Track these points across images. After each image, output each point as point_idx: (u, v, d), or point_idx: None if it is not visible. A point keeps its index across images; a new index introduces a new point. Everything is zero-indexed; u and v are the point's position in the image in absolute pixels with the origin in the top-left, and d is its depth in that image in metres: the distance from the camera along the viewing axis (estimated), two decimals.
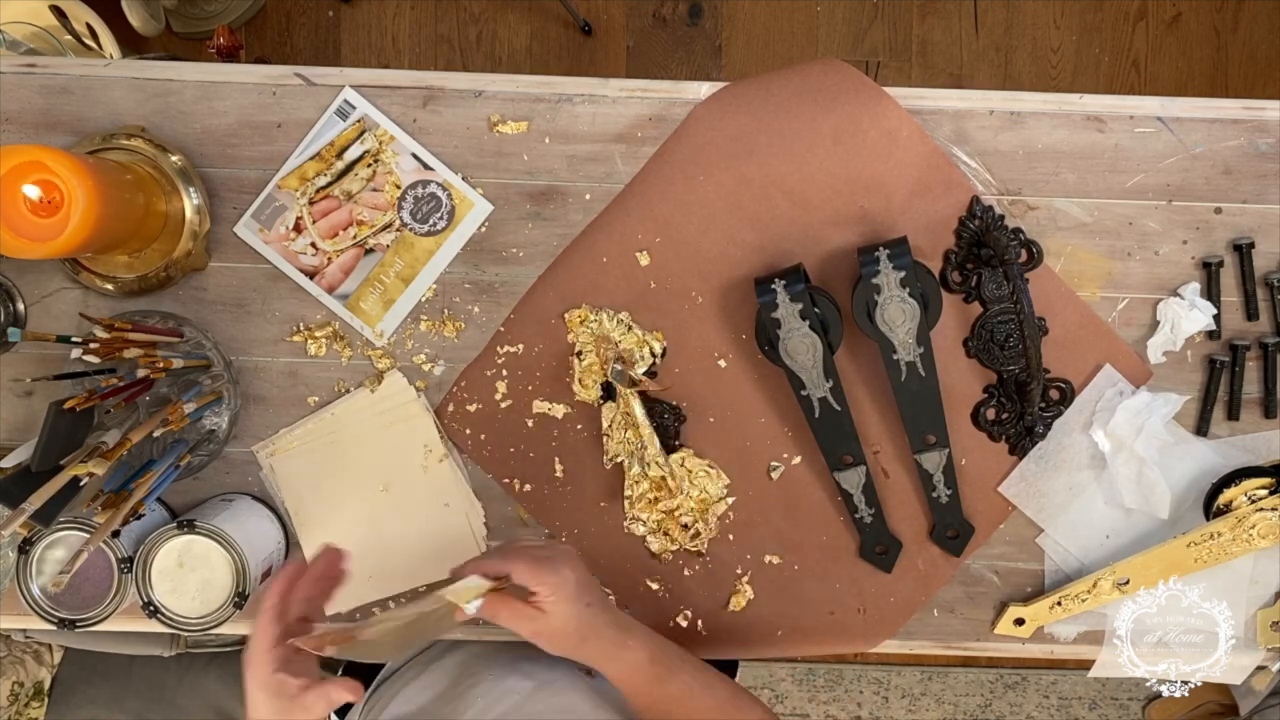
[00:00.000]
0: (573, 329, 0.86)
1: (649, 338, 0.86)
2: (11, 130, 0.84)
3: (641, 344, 0.85)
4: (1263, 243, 0.86)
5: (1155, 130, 0.85)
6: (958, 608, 0.90)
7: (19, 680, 1.02)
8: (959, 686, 1.87)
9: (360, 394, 0.87)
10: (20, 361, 0.86)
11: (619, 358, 0.84)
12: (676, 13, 1.83)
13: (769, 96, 0.84)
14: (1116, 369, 0.87)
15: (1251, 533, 0.84)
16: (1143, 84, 1.83)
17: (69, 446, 0.75)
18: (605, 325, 0.85)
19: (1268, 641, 0.89)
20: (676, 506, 0.86)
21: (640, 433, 0.84)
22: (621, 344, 0.85)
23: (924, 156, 0.84)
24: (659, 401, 0.87)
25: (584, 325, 0.86)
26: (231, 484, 0.88)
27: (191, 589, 0.80)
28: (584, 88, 0.85)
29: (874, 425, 0.87)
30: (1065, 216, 0.86)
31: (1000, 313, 0.84)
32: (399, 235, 0.86)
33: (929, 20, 1.83)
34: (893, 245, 0.78)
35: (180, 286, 0.86)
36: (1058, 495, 0.88)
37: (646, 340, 0.86)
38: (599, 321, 0.85)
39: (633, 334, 0.86)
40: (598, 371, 0.85)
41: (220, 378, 0.85)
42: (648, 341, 0.86)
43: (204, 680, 1.06)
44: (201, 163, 0.85)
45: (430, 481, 0.88)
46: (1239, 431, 0.88)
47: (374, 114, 0.85)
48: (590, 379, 0.85)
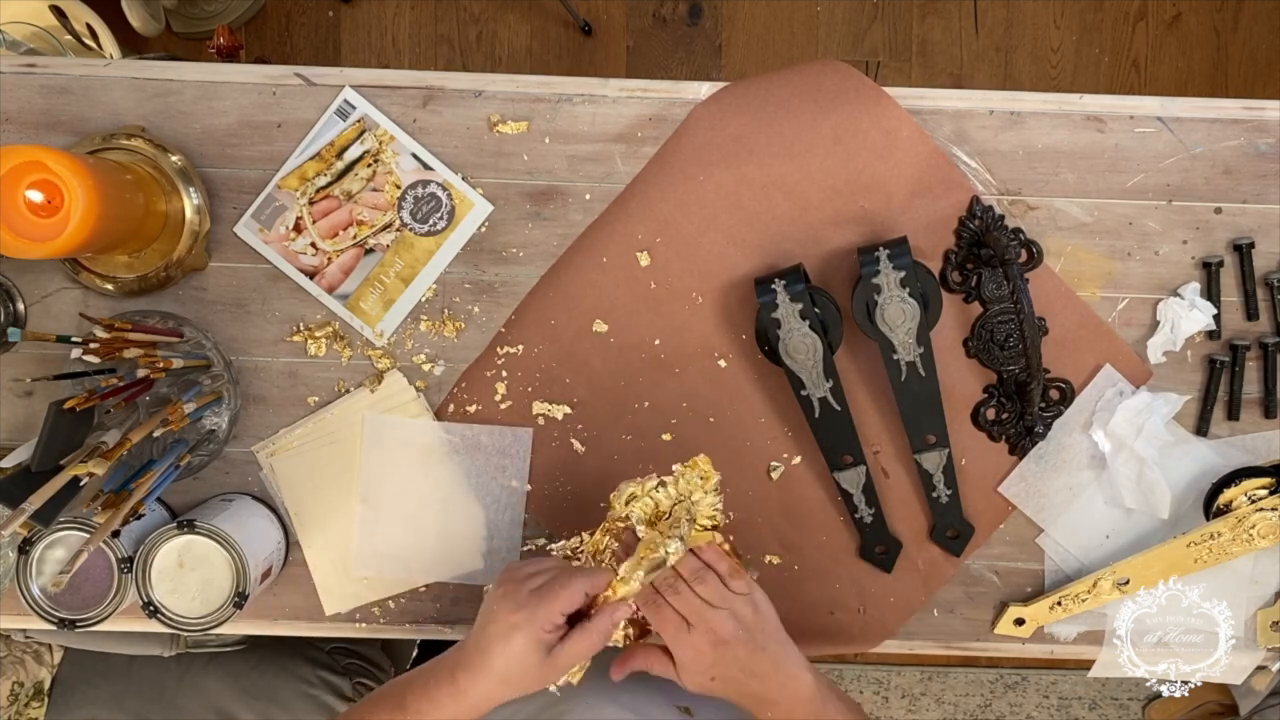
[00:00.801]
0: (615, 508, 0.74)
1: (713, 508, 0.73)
2: (11, 130, 0.84)
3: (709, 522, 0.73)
4: (1263, 243, 0.86)
5: (1155, 130, 0.85)
6: (958, 608, 0.90)
7: (19, 680, 1.02)
8: (959, 686, 1.87)
9: (360, 394, 0.87)
10: (20, 361, 0.86)
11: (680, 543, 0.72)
12: (676, 13, 1.83)
13: (769, 96, 0.84)
14: (1116, 369, 0.87)
15: (1251, 533, 0.84)
16: (1143, 84, 1.83)
17: (69, 446, 0.75)
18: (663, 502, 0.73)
19: (1268, 641, 0.89)
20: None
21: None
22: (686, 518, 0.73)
23: (924, 156, 0.84)
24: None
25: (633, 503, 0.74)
26: (231, 484, 0.88)
27: (191, 589, 0.80)
28: (584, 88, 0.85)
29: (874, 425, 0.87)
30: (1065, 216, 0.86)
31: (1000, 313, 0.84)
32: (399, 235, 0.86)
33: (929, 20, 1.83)
34: (893, 245, 0.78)
35: (180, 286, 0.86)
36: (1058, 495, 0.88)
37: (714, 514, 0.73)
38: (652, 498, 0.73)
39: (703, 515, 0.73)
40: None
41: (220, 378, 0.85)
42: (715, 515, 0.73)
43: (204, 680, 1.06)
44: (201, 163, 0.85)
45: (430, 482, 0.88)
46: (1239, 431, 0.88)
47: (374, 114, 0.85)
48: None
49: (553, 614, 0.67)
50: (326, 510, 0.88)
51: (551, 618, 0.66)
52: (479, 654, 0.67)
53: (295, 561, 0.88)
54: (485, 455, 0.88)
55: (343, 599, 0.89)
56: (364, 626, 0.89)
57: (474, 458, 0.88)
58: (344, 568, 0.88)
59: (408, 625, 0.89)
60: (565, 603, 0.67)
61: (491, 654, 0.67)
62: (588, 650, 0.68)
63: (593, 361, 0.87)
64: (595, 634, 0.68)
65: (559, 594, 0.67)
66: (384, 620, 0.89)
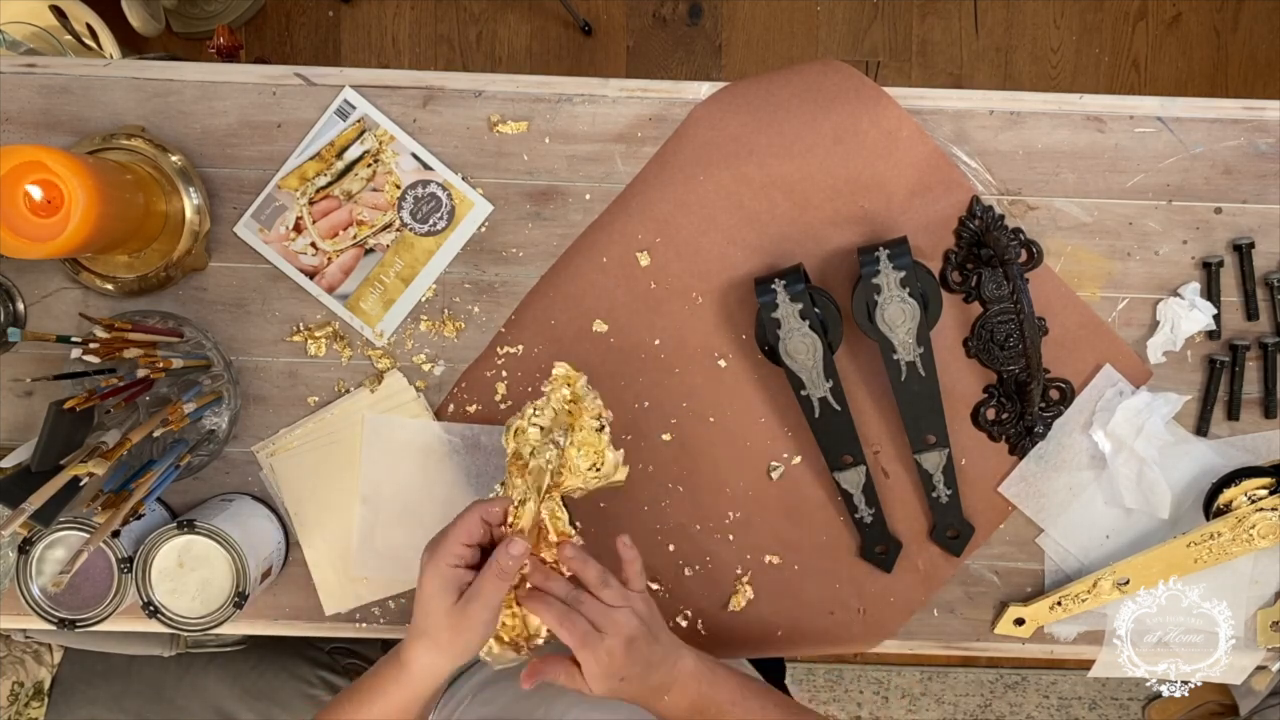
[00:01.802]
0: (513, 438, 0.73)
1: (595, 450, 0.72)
2: (11, 130, 0.84)
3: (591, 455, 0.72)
4: (1263, 243, 0.86)
5: (1155, 130, 0.85)
6: (958, 608, 0.90)
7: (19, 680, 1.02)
8: (959, 686, 1.87)
9: (360, 394, 0.87)
10: (20, 361, 0.86)
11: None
12: (676, 13, 1.83)
13: (769, 96, 0.84)
14: (1116, 369, 0.87)
15: (1251, 533, 0.84)
16: (1143, 84, 1.83)
17: (69, 446, 0.75)
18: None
19: (1268, 641, 0.89)
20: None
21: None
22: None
23: (924, 156, 0.84)
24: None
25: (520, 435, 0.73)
26: (231, 484, 0.88)
27: (191, 589, 0.80)
28: (584, 88, 0.85)
29: (874, 425, 0.87)
30: (1065, 216, 0.86)
31: (1000, 313, 0.84)
32: (399, 235, 0.86)
33: (929, 20, 1.83)
34: (893, 245, 0.78)
35: (180, 286, 0.86)
36: (1058, 495, 0.88)
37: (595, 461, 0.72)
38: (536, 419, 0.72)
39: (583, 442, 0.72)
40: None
41: (220, 378, 0.85)
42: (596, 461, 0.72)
43: (204, 680, 1.06)
44: (201, 163, 0.85)
45: (430, 482, 0.88)
46: (1239, 431, 0.88)
47: (374, 114, 0.85)
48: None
49: (450, 544, 0.66)
50: (326, 510, 0.88)
51: (450, 548, 0.66)
52: (412, 620, 0.68)
53: (295, 561, 0.88)
54: (485, 455, 0.88)
55: (343, 599, 0.89)
56: (364, 626, 0.89)
57: (474, 458, 0.88)
58: (344, 568, 0.88)
59: (408, 625, 0.89)
60: (460, 532, 0.66)
61: (415, 611, 0.67)
62: (491, 587, 0.66)
63: (593, 361, 0.87)
64: (493, 567, 0.66)
65: (454, 524, 0.67)
66: (384, 620, 0.89)
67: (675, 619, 0.89)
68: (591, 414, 0.72)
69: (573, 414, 0.72)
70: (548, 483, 0.69)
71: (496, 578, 0.66)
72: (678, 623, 0.89)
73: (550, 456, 0.69)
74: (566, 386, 0.72)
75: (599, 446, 0.71)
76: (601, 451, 0.71)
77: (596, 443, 0.71)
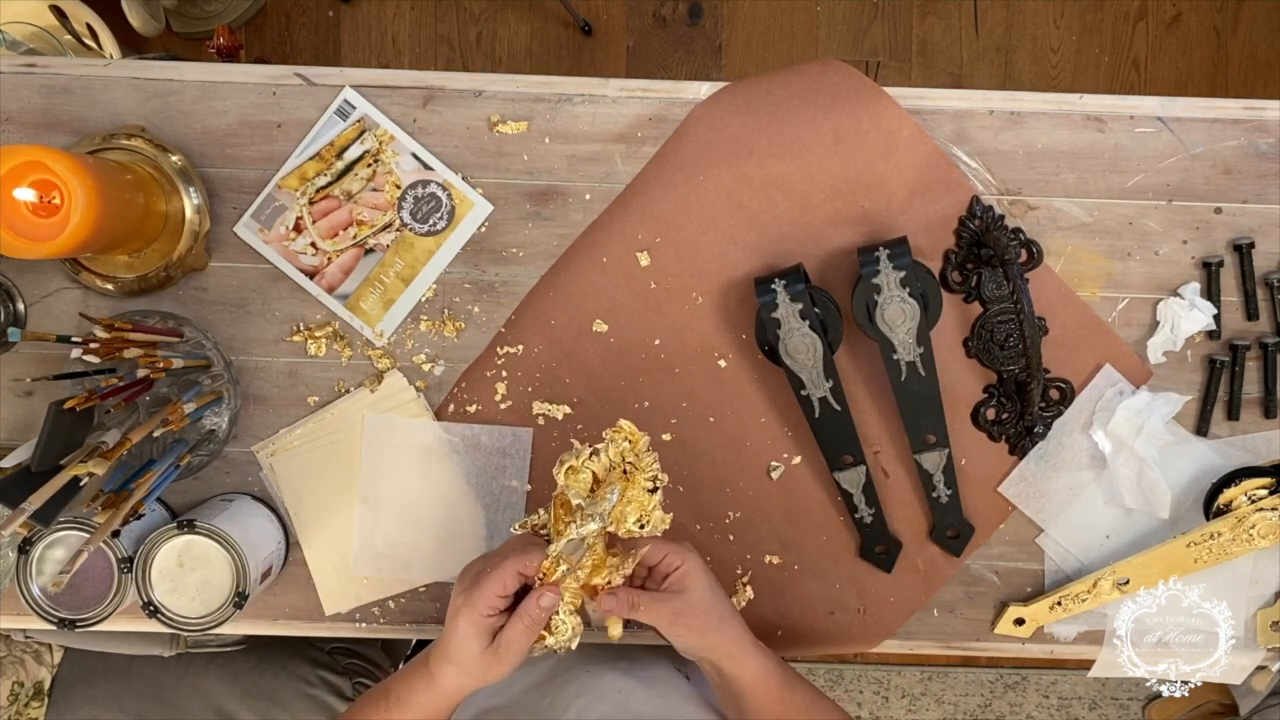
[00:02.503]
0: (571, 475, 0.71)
1: (653, 509, 0.71)
2: (11, 130, 0.84)
3: (643, 512, 0.71)
4: (1263, 243, 0.86)
5: (1155, 130, 0.85)
6: (958, 608, 0.90)
7: (19, 680, 1.02)
8: (959, 686, 1.87)
9: (360, 394, 0.87)
10: (20, 361, 0.86)
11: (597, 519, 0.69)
12: (676, 13, 1.83)
13: (769, 96, 0.84)
14: (1116, 369, 0.87)
15: (1251, 533, 0.84)
16: (1143, 84, 1.83)
17: (69, 446, 0.75)
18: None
19: (1268, 641, 0.89)
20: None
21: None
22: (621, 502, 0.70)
23: (924, 156, 0.84)
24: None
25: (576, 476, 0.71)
26: (231, 484, 0.88)
27: (191, 589, 0.80)
28: (584, 88, 0.85)
29: (874, 425, 0.87)
30: (1065, 216, 0.86)
31: (1000, 313, 0.84)
32: (399, 235, 0.86)
33: (929, 20, 1.83)
34: (893, 245, 0.78)
35: (180, 286, 0.86)
36: (1058, 495, 0.88)
37: (646, 514, 0.72)
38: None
39: (634, 499, 0.71)
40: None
41: (220, 378, 0.85)
42: (648, 514, 0.71)
43: (204, 680, 1.06)
44: (201, 163, 0.85)
45: (430, 482, 0.88)
46: (1239, 431, 0.88)
47: (374, 114, 0.85)
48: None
49: (486, 596, 0.66)
50: (326, 510, 0.88)
51: (486, 600, 0.66)
52: (442, 642, 0.70)
53: (295, 561, 0.88)
54: (485, 455, 0.88)
55: (343, 599, 0.89)
56: (364, 626, 0.89)
57: (474, 457, 0.88)
58: (344, 568, 0.88)
59: (408, 625, 0.89)
60: (497, 584, 0.67)
61: (447, 640, 0.69)
62: (522, 636, 0.67)
63: (593, 361, 0.87)
64: (525, 618, 0.67)
65: (491, 575, 0.67)
66: (384, 620, 0.89)
67: None
68: (647, 475, 0.72)
69: (627, 474, 0.72)
70: (584, 552, 0.70)
71: (528, 629, 0.67)
72: None
73: (591, 529, 0.69)
74: (627, 442, 0.73)
75: (648, 507, 0.72)
76: (650, 512, 0.72)
77: (646, 503, 0.72)
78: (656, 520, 0.72)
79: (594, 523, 0.68)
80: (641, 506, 0.71)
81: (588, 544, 0.69)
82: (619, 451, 0.71)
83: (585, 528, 0.68)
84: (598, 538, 0.69)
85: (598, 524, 0.68)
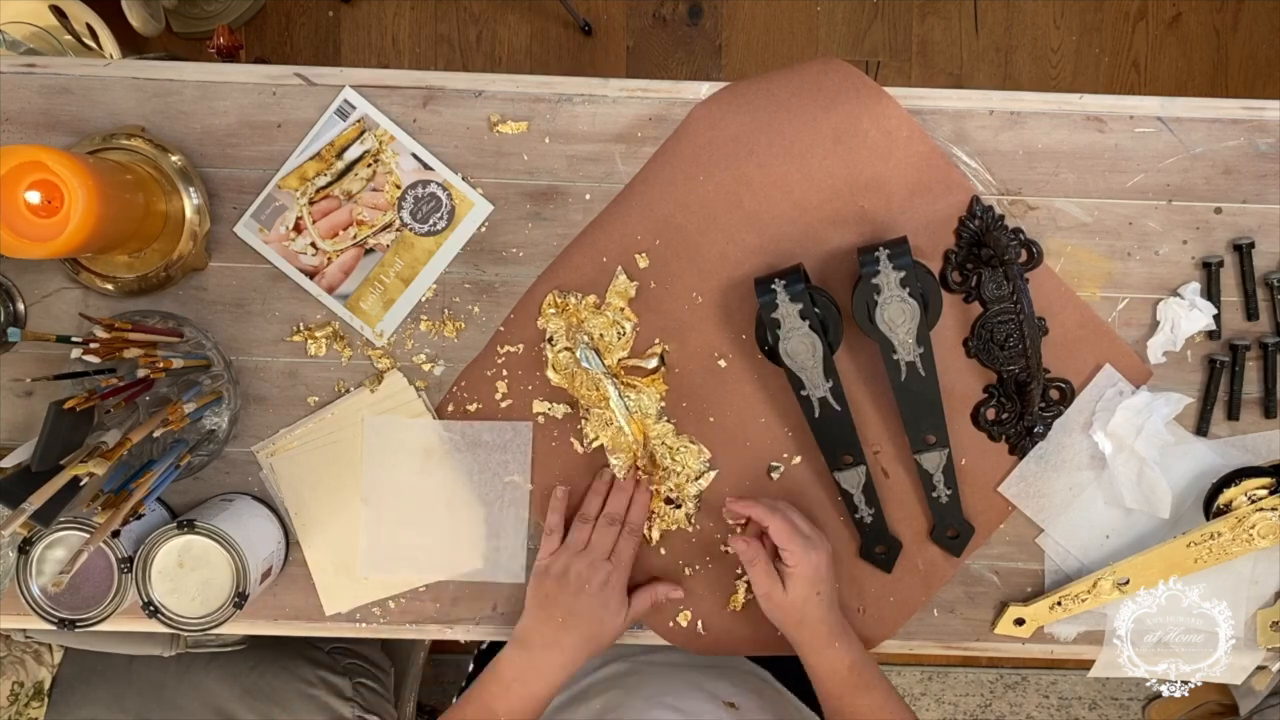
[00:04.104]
0: (543, 315, 0.86)
1: (620, 317, 0.85)
2: (11, 130, 0.84)
3: (611, 324, 0.85)
4: (1263, 243, 0.86)
5: (1155, 130, 0.85)
6: (958, 608, 0.90)
7: (19, 680, 1.02)
8: (959, 686, 1.87)
9: (360, 394, 0.87)
10: (20, 361, 0.86)
11: (587, 338, 0.85)
12: (676, 13, 1.83)
13: (769, 96, 0.84)
14: (1116, 369, 0.87)
15: (1251, 533, 0.84)
16: (1143, 84, 1.83)
17: (69, 446, 0.75)
18: (573, 307, 0.85)
19: (1268, 641, 0.89)
20: (663, 483, 0.87)
21: (614, 415, 0.85)
22: (588, 324, 0.85)
23: (924, 156, 0.84)
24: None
25: (552, 310, 0.86)
26: (231, 484, 0.88)
27: (191, 589, 0.80)
28: (584, 88, 0.85)
29: (874, 425, 0.87)
30: (1065, 216, 0.86)
31: (1000, 313, 0.84)
32: (399, 235, 0.86)
33: (929, 20, 1.83)
34: (893, 245, 0.78)
35: (180, 286, 0.86)
36: (1058, 495, 0.88)
37: (617, 321, 0.85)
38: (566, 305, 0.85)
39: (602, 316, 0.85)
40: (571, 359, 0.85)
41: (220, 378, 0.85)
42: (618, 321, 0.85)
43: (204, 680, 1.06)
44: (201, 163, 0.85)
45: (432, 481, 0.88)
46: (1239, 431, 0.88)
47: (374, 114, 0.85)
48: (561, 365, 0.86)
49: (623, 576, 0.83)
50: (327, 510, 0.88)
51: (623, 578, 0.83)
52: (562, 617, 0.80)
53: (295, 561, 0.88)
54: (486, 452, 0.88)
55: (343, 599, 0.89)
56: (364, 626, 0.89)
57: (475, 455, 0.88)
58: (344, 568, 0.88)
59: (408, 625, 0.89)
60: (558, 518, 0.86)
61: (579, 612, 0.80)
62: (645, 606, 0.85)
63: None
64: (647, 599, 0.85)
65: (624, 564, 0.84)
66: (384, 620, 0.89)
67: (675, 618, 0.89)
68: (693, 455, 0.88)
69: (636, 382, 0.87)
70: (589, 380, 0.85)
71: (649, 601, 0.85)
72: (677, 622, 0.89)
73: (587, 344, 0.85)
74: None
75: (695, 465, 0.88)
76: (672, 524, 0.88)
77: (695, 461, 0.88)
78: (682, 520, 0.88)
79: (585, 345, 0.83)
80: (664, 520, 0.87)
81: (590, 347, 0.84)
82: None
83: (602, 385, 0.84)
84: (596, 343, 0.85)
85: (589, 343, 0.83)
